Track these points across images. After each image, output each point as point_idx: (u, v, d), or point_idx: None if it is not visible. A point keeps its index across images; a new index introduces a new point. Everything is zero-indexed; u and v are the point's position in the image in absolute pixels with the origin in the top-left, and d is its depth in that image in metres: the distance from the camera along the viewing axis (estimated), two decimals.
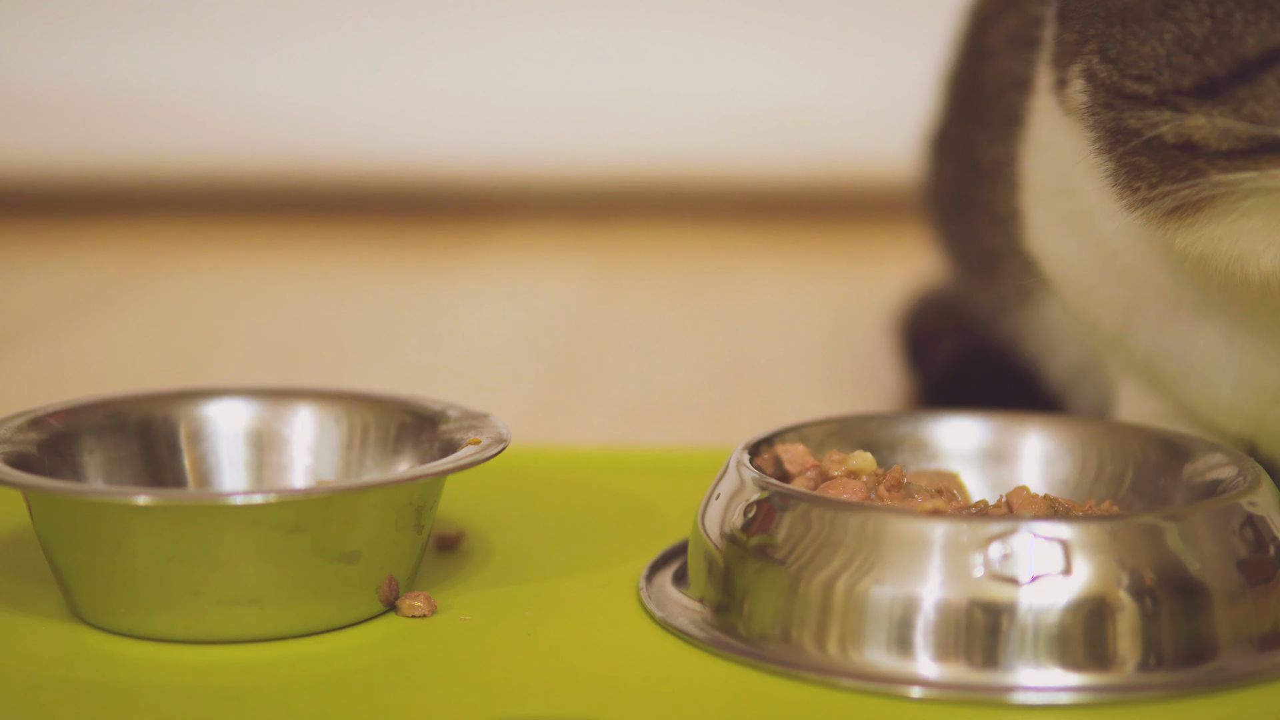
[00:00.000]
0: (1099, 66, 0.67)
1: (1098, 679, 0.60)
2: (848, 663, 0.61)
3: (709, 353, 1.21)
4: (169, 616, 0.64)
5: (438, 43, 1.70)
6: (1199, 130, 0.64)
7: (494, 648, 0.64)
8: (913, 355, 1.02)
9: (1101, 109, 0.68)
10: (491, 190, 1.76)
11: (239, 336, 1.28)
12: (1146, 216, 0.68)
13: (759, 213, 1.72)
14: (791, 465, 0.69)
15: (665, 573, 0.70)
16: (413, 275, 1.50)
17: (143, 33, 1.69)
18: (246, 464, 0.74)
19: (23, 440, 0.69)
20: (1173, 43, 0.65)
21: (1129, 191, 0.68)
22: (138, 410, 0.73)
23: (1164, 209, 0.67)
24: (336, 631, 0.65)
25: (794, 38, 1.70)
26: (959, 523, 0.61)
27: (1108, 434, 0.72)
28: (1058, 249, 0.79)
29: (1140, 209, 0.68)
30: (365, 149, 1.70)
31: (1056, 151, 0.77)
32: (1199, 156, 0.65)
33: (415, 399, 0.74)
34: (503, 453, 0.68)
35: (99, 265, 1.52)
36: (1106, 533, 0.60)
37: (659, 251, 1.61)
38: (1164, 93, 0.65)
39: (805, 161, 1.69)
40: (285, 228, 1.66)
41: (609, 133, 1.69)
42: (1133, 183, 0.67)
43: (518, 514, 0.78)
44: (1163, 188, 0.66)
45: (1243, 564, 0.62)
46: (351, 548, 0.65)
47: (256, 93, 1.69)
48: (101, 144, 1.68)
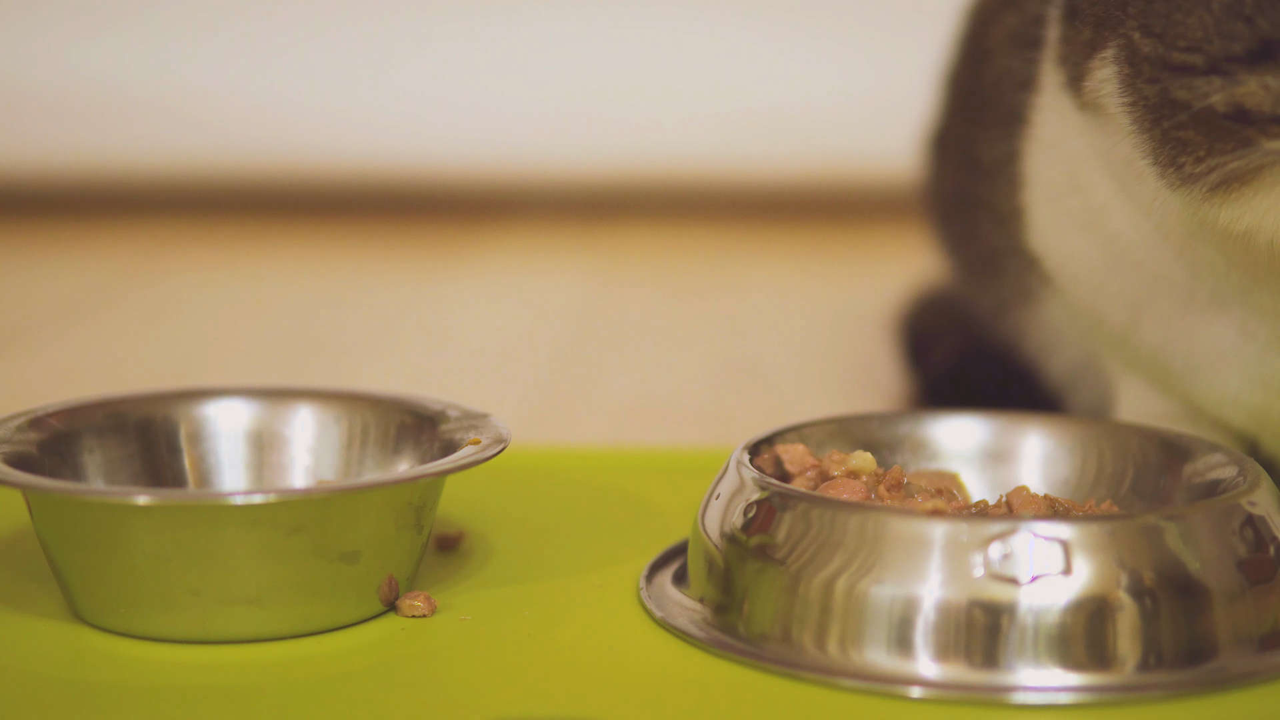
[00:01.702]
0: (1142, 41, 0.67)
1: (1098, 679, 0.60)
2: (848, 663, 0.61)
3: (709, 353, 1.21)
4: (169, 616, 0.64)
5: (438, 43, 1.70)
6: (1252, 97, 0.64)
7: (494, 648, 0.64)
8: (913, 355, 1.02)
9: (1145, 84, 0.68)
10: (491, 190, 1.76)
11: (239, 336, 1.28)
12: (1190, 193, 0.68)
13: (759, 213, 1.72)
14: (791, 465, 0.69)
15: (665, 573, 0.70)
16: (413, 275, 1.50)
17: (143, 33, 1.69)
18: (246, 464, 0.74)
19: (23, 440, 0.69)
20: (1222, 10, 0.65)
21: (1172, 168, 0.68)
22: (138, 410, 0.73)
23: (1210, 184, 0.67)
24: (336, 631, 0.65)
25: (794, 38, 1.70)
26: (959, 523, 0.61)
27: (1108, 434, 0.72)
28: (1064, 246, 0.79)
29: (1184, 186, 0.68)
30: (365, 149, 1.70)
31: (1066, 149, 0.77)
32: (1250, 125, 0.65)
33: (415, 399, 0.74)
34: (503, 453, 0.68)
35: (99, 265, 1.52)
36: (1106, 533, 0.60)
37: (659, 251, 1.61)
38: (1214, 60, 0.65)
39: (805, 161, 1.69)
40: (285, 228, 1.66)
41: (609, 133, 1.69)
42: (1177, 158, 0.67)
43: (518, 514, 0.78)
44: (1210, 161, 0.66)
45: (1243, 564, 0.62)
46: (351, 548, 0.65)
47: (257, 93, 1.69)
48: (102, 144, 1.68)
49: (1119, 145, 0.71)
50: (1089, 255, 0.77)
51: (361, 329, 1.30)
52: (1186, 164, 0.67)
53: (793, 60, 1.70)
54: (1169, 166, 0.68)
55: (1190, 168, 0.67)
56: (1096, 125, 0.73)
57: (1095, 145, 0.74)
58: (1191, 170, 0.67)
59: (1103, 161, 0.74)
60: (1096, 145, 0.74)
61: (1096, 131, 0.73)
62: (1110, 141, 0.72)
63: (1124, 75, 0.69)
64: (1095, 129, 0.73)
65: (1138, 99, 0.68)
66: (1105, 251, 0.76)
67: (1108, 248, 0.76)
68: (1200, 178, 0.67)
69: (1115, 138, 0.71)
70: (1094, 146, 0.74)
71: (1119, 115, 0.70)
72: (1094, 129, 0.73)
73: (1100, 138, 0.73)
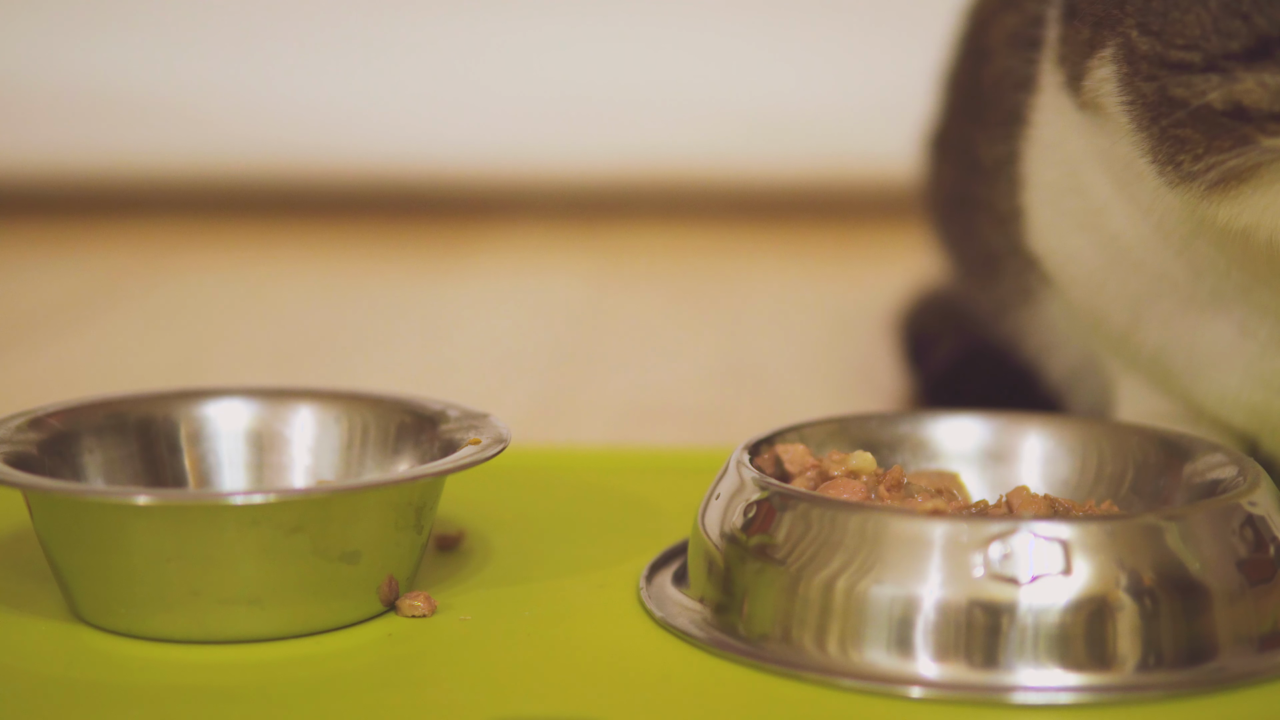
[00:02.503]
0: (1139, 40, 0.67)
1: (1098, 679, 0.60)
2: (848, 663, 0.61)
3: (709, 353, 1.21)
4: (169, 616, 0.64)
5: (439, 43, 1.70)
6: (1250, 94, 0.64)
7: (494, 648, 0.64)
8: (913, 355, 1.02)
9: (1144, 82, 0.68)
10: (491, 190, 1.76)
11: (239, 336, 1.28)
12: (1189, 191, 0.68)
13: (759, 213, 1.72)
14: (791, 465, 0.69)
15: (665, 573, 0.70)
16: (413, 275, 1.50)
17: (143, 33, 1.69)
18: (246, 464, 0.74)
19: (23, 440, 0.69)
20: (1219, 7, 0.65)
21: (1171, 166, 0.68)
22: (138, 410, 0.73)
23: (1208, 182, 0.67)
24: (336, 631, 0.65)
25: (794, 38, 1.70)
26: (959, 523, 0.61)
27: (1108, 434, 0.72)
28: (1064, 246, 0.79)
29: (1183, 184, 0.68)
30: (365, 149, 1.70)
31: (1065, 149, 0.77)
32: (1248, 122, 0.65)
33: (415, 399, 0.74)
34: (503, 453, 0.68)
35: (99, 265, 1.52)
36: (1106, 533, 0.60)
37: (659, 251, 1.61)
38: (1212, 58, 0.65)
39: (805, 161, 1.69)
40: (285, 228, 1.66)
41: (609, 133, 1.69)
42: (1176, 156, 0.67)
43: (518, 514, 0.78)
44: (1208, 159, 0.66)
45: (1243, 564, 0.62)
46: (351, 548, 0.65)
47: (257, 93, 1.69)
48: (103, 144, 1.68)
49: (1118, 144, 0.71)
50: (1089, 255, 0.77)
51: (361, 329, 1.30)
52: (1185, 162, 0.67)
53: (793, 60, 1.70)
54: (1168, 165, 0.68)
55: (1189, 166, 0.67)
56: (1096, 125, 0.73)
57: (1095, 145, 0.74)
58: (1190, 168, 0.67)
59: (1102, 161, 0.74)
60: (1096, 145, 0.74)
61: (1096, 131, 0.73)
62: (1110, 141, 0.72)
63: (1122, 74, 0.69)
64: (1095, 129, 0.73)
65: (1136, 97, 0.68)
66: (1105, 251, 0.76)
67: (1108, 248, 0.76)
68: (1199, 175, 0.67)
69: (1115, 137, 0.71)
70: (1093, 146, 0.74)
71: (1118, 114, 0.70)
72: (1093, 129, 0.73)
73: (1100, 137, 0.73)
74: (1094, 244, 0.77)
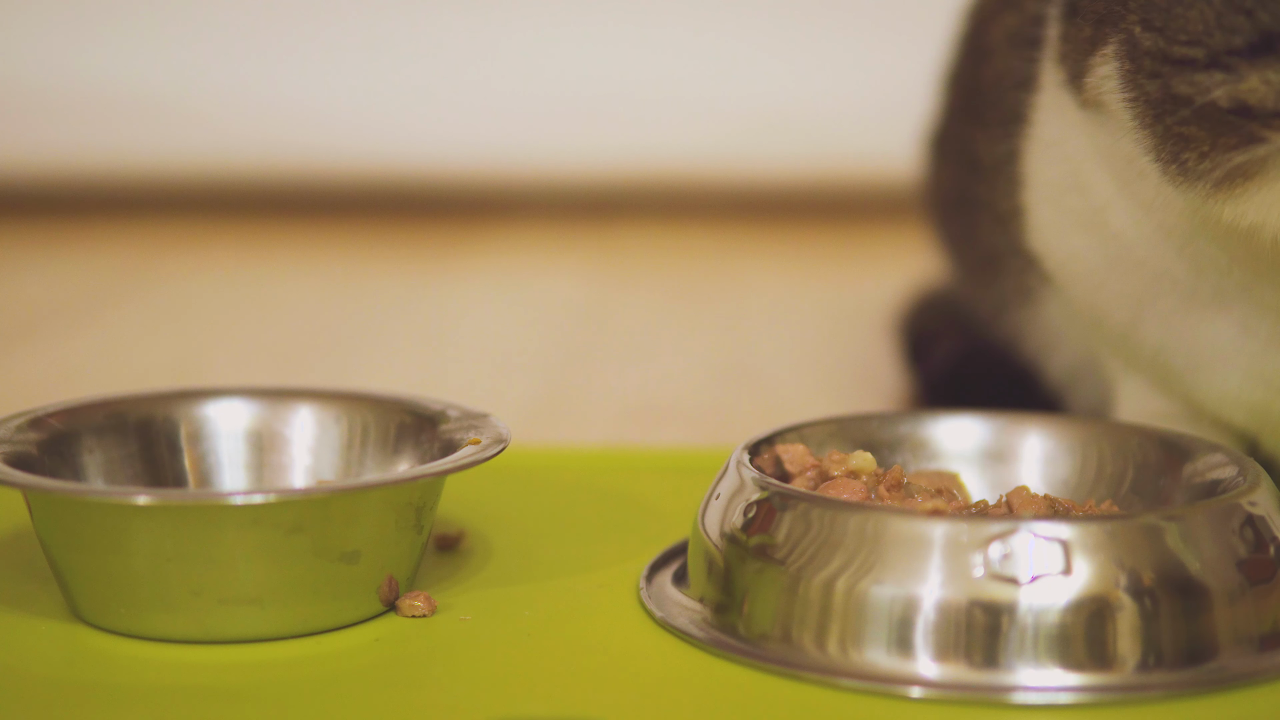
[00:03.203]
0: (1142, 36, 0.67)
1: (1098, 679, 0.60)
2: (848, 663, 0.61)
3: (709, 353, 1.21)
4: (169, 616, 0.64)
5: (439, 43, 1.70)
6: (1254, 92, 0.64)
7: (494, 648, 0.64)
8: (913, 355, 1.02)
9: (1147, 79, 0.67)
10: (491, 190, 1.76)
11: (239, 336, 1.28)
12: (1193, 189, 0.67)
13: (759, 213, 1.72)
14: (791, 465, 0.69)
15: (665, 573, 0.70)
16: (413, 275, 1.50)
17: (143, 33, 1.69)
18: (246, 464, 0.74)
19: (23, 440, 0.69)
20: (1222, 3, 0.65)
21: (1175, 164, 0.67)
22: (138, 410, 0.73)
23: (1213, 180, 0.67)
24: (336, 631, 0.65)
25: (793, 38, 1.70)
26: (959, 523, 0.61)
27: (1108, 434, 0.72)
28: (1065, 246, 0.79)
29: (1187, 182, 0.67)
30: (365, 149, 1.70)
31: (1066, 148, 0.77)
32: (1253, 119, 0.65)
33: (415, 399, 0.74)
34: (503, 453, 0.68)
35: (99, 265, 1.52)
36: (1106, 533, 0.60)
37: (659, 251, 1.61)
38: (1215, 54, 0.65)
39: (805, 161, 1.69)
40: (285, 228, 1.66)
41: (609, 133, 1.69)
42: (1180, 154, 0.67)
43: (518, 514, 0.78)
44: (1213, 157, 0.66)
45: (1243, 564, 0.62)
46: (351, 548, 0.65)
47: (257, 92, 1.69)
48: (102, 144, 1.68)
49: (1120, 143, 0.71)
50: (1090, 254, 0.77)
51: (361, 329, 1.30)
52: (1189, 160, 0.67)
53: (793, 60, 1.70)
54: (1172, 163, 0.68)
55: (1193, 164, 0.67)
56: (1097, 123, 0.73)
57: (1096, 143, 0.74)
58: (1194, 166, 0.67)
59: (1104, 160, 0.74)
60: (1098, 143, 0.74)
61: (1097, 129, 0.73)
62: (1112, 139, 0.72)
63: (1125, 71, 0.69)
64: (1096, 127, 0.73)
65: (1139, 95, 0.68)
66: (1106, 250, 0.76)
67: (1109, 246, 0.76)
68: (1204, 174, 0.67)
69: (1117, 135, 0.71)
70: (1095, 145, 0.74)
71: (1120, 112, 0.70)
72: (1095, 127, 0.73)
73: (1101, 136, 0.73)
74: (1094, 242, 0.77)
